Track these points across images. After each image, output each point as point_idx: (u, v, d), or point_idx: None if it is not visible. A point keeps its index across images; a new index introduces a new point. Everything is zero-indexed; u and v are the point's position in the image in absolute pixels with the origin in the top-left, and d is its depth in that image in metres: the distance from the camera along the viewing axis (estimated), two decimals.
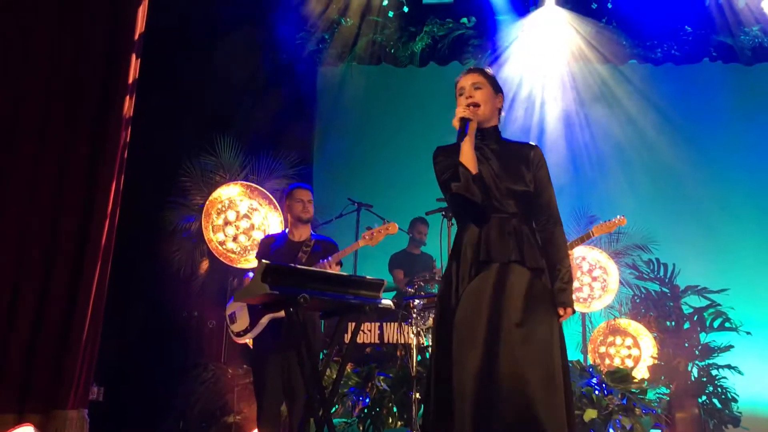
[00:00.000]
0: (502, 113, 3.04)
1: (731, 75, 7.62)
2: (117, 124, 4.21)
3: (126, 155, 4.32)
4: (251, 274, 4.16)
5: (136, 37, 4.40)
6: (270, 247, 4.30)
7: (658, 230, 6.73)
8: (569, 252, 4.61)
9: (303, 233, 4.31)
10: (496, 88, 2.98)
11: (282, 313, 3.74)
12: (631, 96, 7.70)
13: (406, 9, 7.58)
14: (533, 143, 2.98)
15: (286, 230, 4.41)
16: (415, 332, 4.71)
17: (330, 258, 4.10)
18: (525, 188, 2.84)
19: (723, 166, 7.53)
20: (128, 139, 4.33)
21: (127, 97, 4.28)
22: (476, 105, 2.88)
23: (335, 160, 8.04)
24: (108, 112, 4.20)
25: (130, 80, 4.34)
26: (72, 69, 4.21)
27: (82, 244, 3.98)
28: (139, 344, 5.97)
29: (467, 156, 2.80)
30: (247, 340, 4.18)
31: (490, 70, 3.04)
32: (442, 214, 4.86)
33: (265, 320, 4.05)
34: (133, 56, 4.35)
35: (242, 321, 4.16)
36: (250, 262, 5.65)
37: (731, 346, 5.91)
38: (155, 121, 5.78)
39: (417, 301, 4.81)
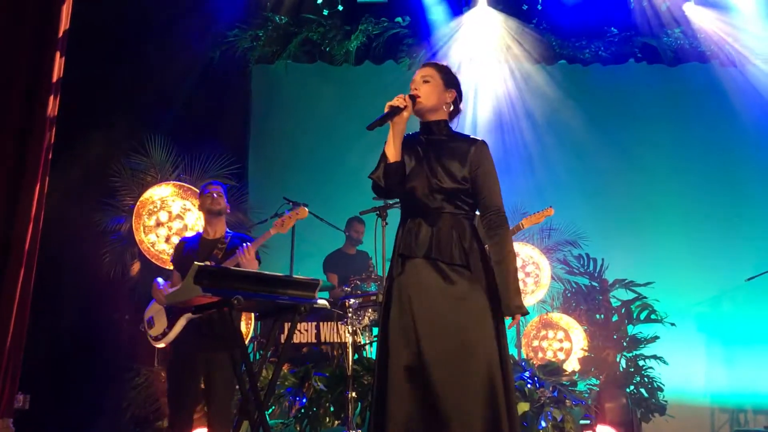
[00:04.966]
0: (461, 107, 3.05)
1: (655, 75, 7.89)
2: (41, 124, 4.06)
3: (51, 156, 4.19)
4: (160, 280, 4.13)
5: (61, 34, 4.25)
6: (184, 248, 4.23)
7: (587, 226, 6.93)
8: None
9: (218, 230, 4.23)
10: (448, 84, 2.98)
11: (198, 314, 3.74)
12: (560, 96, 7.88)
13: (340, 7, 7.57)
14: (478, 139, 2.96)
15: (201, 231, 4.35)
16: (351, 331, 4.72)
17: (244, 247, 3.97)
18: (456, 185, 2.84)
19: (648, 164, 7.77)
20: (53, 140, 4.19)
21: (51, 96, 4.14)
22: (417, 97, 2.90)
23: (271, 158, 7.98)
24: (31, 111, 4.05)
25: (55, 79, 4.19)
26: None
27: (3, 248, 3.83)
28: (69, 350, 5.80)
29: (390, 144, 2.86)
30: (165, 344, 4.09)
31: (446, 65, 3.05)
32: (377, 214, 4.88)
33: (182, 322, 3.97)
34: (58, 54, 4.22)
35: (160, 324, 4.10)
36: None
37: (657, 337, 6.12)
38: (83, 121, 5.62)
39: (353, 301, 4.82)
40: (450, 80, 3.00)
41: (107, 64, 6.23)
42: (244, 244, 4.00)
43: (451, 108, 3.01)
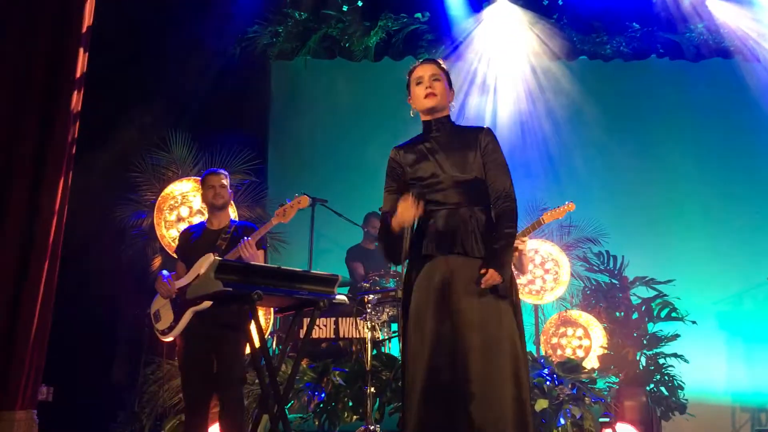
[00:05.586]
0: (453, 105, 3.11)
1: (677, 71, 7.81)
2: (64, 119, 4.12)
3: (74, 151, 4.24)
4: (165, 272, 4.14)
5: (84, 30, 4.30)
6: (189, 239, 4.19)
7: (608, 223, 6.88)
8: (523, 239, 4.72)
9: (222, 220, 4.20)
10: (449, 83, 3.06)
11: (205, 305, 3.73)
12: (581, 92, 7.82)
13: (360, 3, 7.58)
14: (483, 126, 3.03)
15: (205, 220, 4.31)
16: (370, 327, 4.74)
17: (244, 241, 3.95)
18: (472, 176, 2.89)
19: (669, 160, 7.70)
20: (76, 135, 4.25)
21: (75, 91, 4.19)
22: (434, 95, 2.95)
23: (290, 154, 8.01)
24: (55, 107, 4.10)
25: (78, 74, 4.25)
26: (16, 63, 4.11)
27: (27, 243, 3.89)
28: (92, 343, 5.87)
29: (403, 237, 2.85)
30: (172, 337, 4.05)
31: (444, 64, 3.11)
32: None
33: (188, 314, 3.94)
34: (81, 50, 4.26)
35: (166, 318, 4.06)
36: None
37: (677, 335, 6.06)
38: (105, 117, 5.68)
39: (372, 296, 4.83)
40: (450, 80, 3.08)
41: (129, 60, 6.29)
42: (244, 238, 3.98)
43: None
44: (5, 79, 4.08)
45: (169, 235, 5.65)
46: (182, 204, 5.72)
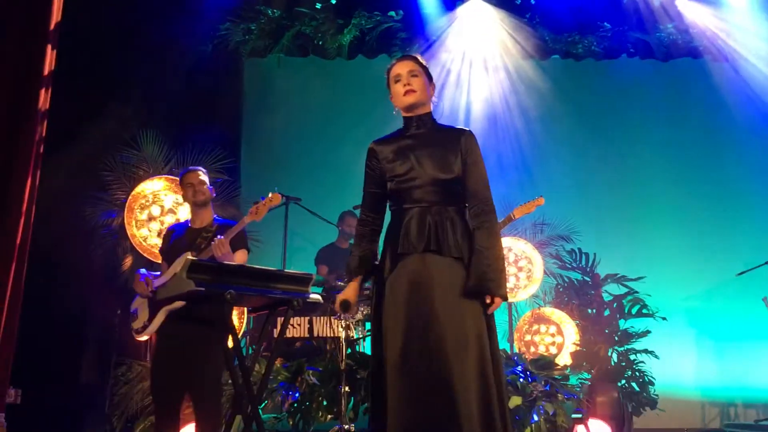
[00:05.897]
0: (434, 100, 3.10)
1: (648, 70, 7.91)
2: (32, 117, 4.03)
3: (42, 150, 4.16)
4: (143, 271, 4.10)
5: (52, 26, 4.22)
6: (170, 238, 4.15)
7: (580, 221, 6.94)
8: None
9: (204, 219, 4.14)
10: (429, 77, 3.05)
11: (178, 305, 3.68)
12: (553, 90, 7.89)
13: (333, 1, 7.56)
14: (466, 129, 3.02)
15: (189, 219, 4.26)
16: (344, 326, 4.73)
17: (216, 240, 3.88)
18: (451, 176, 2.88)
19: (640, 159, 7.81)
20: (44, 134, 4.17)
21: (43, 89, 4.11)
22: (413, 91, 2.95)
23: (263, 152, 7.96)
24: (22, 105, 4.02)
25: (46, 72, 4.17)
26: None
27: None
28: (61, 344, 5.78)
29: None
30: (146, 336, 4.00)
31: (423, 59, 3.09)
32: None
33: (162, 314, 3.87)
34: (49, 47, 4.18)
35: (142, 317, 4.00)
36: None
37: (648, 332, 6.13)
38: (74, 115, 5.59)
39: None
40: (429, 74, 3.07)
41: (99, 57, 6.20)
42: (217, 237, 3.92)
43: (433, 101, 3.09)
44: None
45: (140, 234, 5.58)
46: (153, 203, 5.66)
